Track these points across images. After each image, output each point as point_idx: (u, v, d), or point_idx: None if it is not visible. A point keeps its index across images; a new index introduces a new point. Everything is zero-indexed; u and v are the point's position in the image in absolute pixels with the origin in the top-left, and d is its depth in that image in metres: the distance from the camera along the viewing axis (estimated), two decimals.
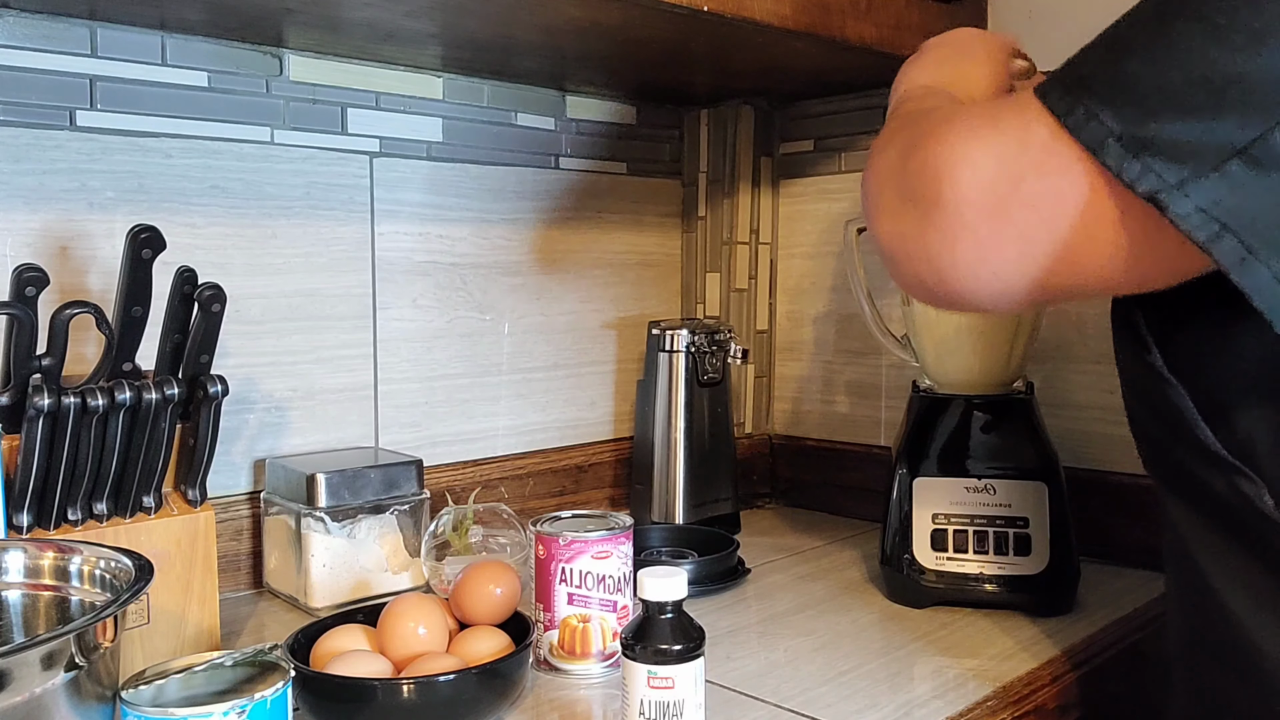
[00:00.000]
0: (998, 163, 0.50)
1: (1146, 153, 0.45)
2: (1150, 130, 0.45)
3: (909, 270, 0.56)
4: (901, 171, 0.55)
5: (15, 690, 0.50)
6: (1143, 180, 0.45)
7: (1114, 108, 0.46)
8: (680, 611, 0.67)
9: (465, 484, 1.16)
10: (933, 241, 0.53)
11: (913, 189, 0.54)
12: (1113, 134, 0.46)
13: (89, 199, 0.91)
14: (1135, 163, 0.45)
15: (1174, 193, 0.45)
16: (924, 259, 0.54)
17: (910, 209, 0.54)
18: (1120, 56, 0.48)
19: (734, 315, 1.38)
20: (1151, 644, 0.92)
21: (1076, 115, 0.48)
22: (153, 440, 0.78)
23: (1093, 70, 0.49)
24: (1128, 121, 0.46)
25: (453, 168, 1.16)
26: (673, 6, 0.87)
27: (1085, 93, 0.48)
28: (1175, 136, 0.45)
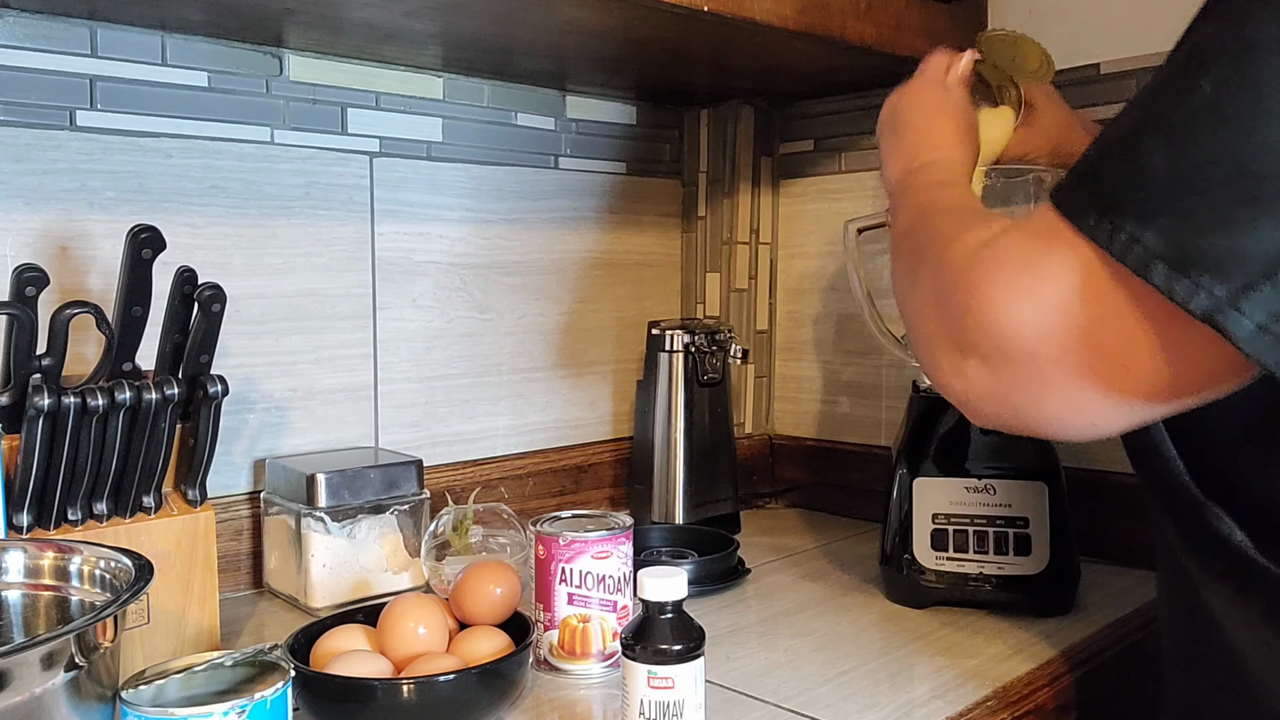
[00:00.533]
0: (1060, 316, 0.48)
1: (1193, 269, 0.43)
2: (1193, 245, 0.44)
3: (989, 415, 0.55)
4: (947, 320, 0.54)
5: (15, 690, 0.50)
6: (1195, 299, 0.44)
7: (1156, 229, 0.45)
8: (680, 611, 0.67)
9: (465, 484, 1.16)
10: (1015, 398, 0.52)
11: (972, 344, 0.52)
12: (1157, 255, 0.44)
13: (89, 199, 0.91)
14: (1185, 281, 0.44)
15: (1229, 311, 0.43)
16: (1009, 410, 0.53)
17: (975, 363, 0.52)
18: (1143, 167, 0.46)
19: (734, 315, 1.38)
20: (1151, 644, 0.91)
21: (1119, 242, 0.46)
22: (153, 440, 0.78)
23: (1120, 186, 0.47)
24: (1171, 243, 0.44)
25: (453, 168, 1.16)
26: (673, 7, 0.87)
27: (1118, 214, 0.46)
28: (1218, 247, 0.43)
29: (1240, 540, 0.56)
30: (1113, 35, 1.09)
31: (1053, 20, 1.14)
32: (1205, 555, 0.60)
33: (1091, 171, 0.50)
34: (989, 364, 0.51)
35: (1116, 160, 0.48)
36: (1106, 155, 0.49)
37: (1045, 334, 0.49)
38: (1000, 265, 0.51)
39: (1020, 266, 0.50)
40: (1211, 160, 0.44)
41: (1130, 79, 1.07)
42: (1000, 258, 0.51)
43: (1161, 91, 0.47)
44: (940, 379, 0.56)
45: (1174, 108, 0.46)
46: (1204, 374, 0.47)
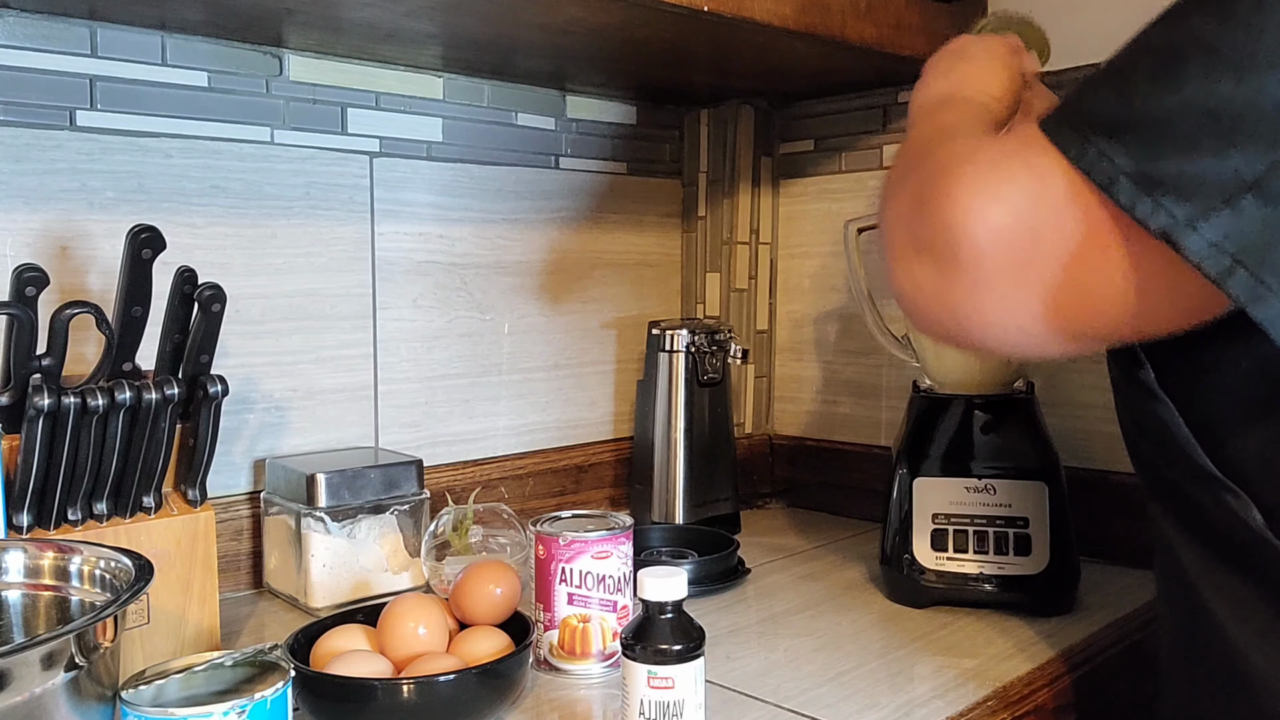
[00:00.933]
0: (1014, 217, 0.49)
1: (1158, 190, 0.45)
2: (1160, 168, 0.45)
3: (929, 318, 0.56)
4: (914, 221, 0.55)
5: (15, 690, 0.50)
6: (1155, 218, 0.45)
7: (1124, 146, 0.46)
8: (680, 611, 0.67)
9: (465, 484, 1.16)
10: (955, 296, 0.53)
11: (928, 242, 0.53)
12: (1124, 172, 0.46)
13: (89, 199, 0.91)
14: (1147, 200, 0.45)
15: (1185, 230, 0.45)
16: (946, 311, 0.54)
17: (927, 261, 0.53)
18: (1128, 93, 0.48)
19: (734, 315, 1.38)
20: (1151, 644, 0.91)
21: (1089, 155, 0.47)
22: (153, 440, 0.78)
23: (1101, 108, 0.49)
24: (1138, 159, 0.46)
25: (453, 168, 1.16)
26: (673, 7, 0.87)
27: (1094, 131, 0.48)
28: (1185, 173, 0.45)
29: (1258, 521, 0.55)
30: (1113, 35, 1.08)
31: (1052, 20, 1.14)
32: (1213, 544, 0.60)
33: (1078, 93, 0.51)
34: (939, 263, 0.52)
35: (1101, 83, 0.50)
36: (1094, 79, 0.51)
37: (998, 237, 0.49)
38: (972, 165, 0.52)
39: (988, 167, 0.51)
40: (1192, 90, 0.45)
41: None
42: (974, 159, 0.52)
43: (1157, 23, 0.49)
44: (895, 277, 0.57)
45: (1165, 37, 0.48)
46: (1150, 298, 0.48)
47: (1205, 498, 0.58)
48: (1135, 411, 0.63)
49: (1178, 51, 0.46)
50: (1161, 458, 0.62)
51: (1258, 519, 0.56)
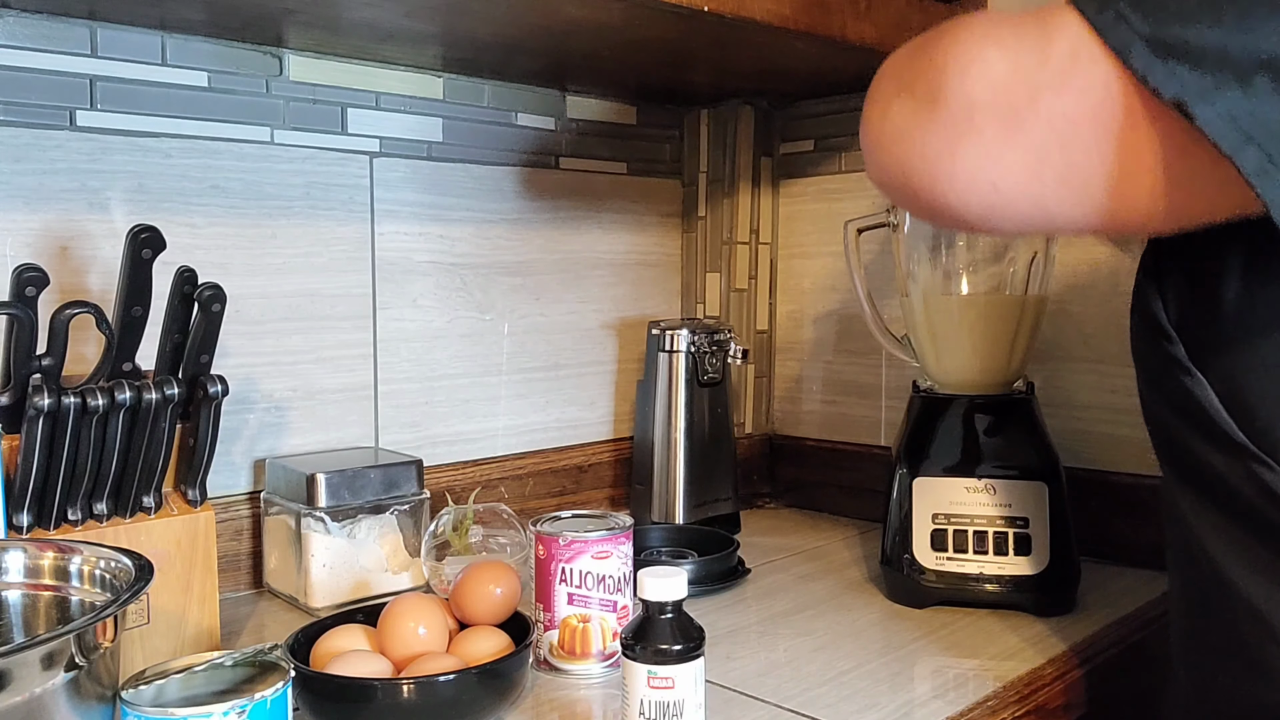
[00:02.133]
0: (1014, 67, 0.47)
1: (1174, 58, 0.43)
2: (1179, 35, 0.43)
3: (896, 167, 0.52)
4: (906, 63, 0.52)
5: (15, 690, 0.50)
6: (1169, 85, 0.43)
7: (1143, 10, 0.44)
8: (680, 611, 0.67)
9: (465, 484, 1.16)
10: (931, 139, 0.50)
11: (914, 79, 0.50)
12: (1141, 36, 0.44)
13: (89, 199, 0.91)
14: (1162, 67, 0.43)
15: (1199, 100, 0.43)
16: (918, 156, 0.50)
17: (908, 100, 0.51)
18: None
19: (734, 315, 1.38)
20: (1152, 643, 0.92)
21: (1106, 15, 0.45)
22: (153, 440, 0.78)
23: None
24: (1157, 24, 0.44)
25: (453, 168, 1.16)
26: (673, 6, 0.87)
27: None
28: (1204, 43, 0.43)
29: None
30: None
31: None
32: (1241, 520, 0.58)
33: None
34: (919, 102, 0.50)
35: None
36: None
37: (991, 81, 0.47)
38: (981, 21, 0.50)
39: (1001, 21, 0.49)
40: None
41: None
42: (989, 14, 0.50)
43: None
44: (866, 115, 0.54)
45: None
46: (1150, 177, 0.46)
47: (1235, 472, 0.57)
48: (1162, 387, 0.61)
49: None
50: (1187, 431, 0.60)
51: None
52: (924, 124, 0.50)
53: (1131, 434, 1.07)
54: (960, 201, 0.50)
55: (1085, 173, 0.47)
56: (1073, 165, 0.47)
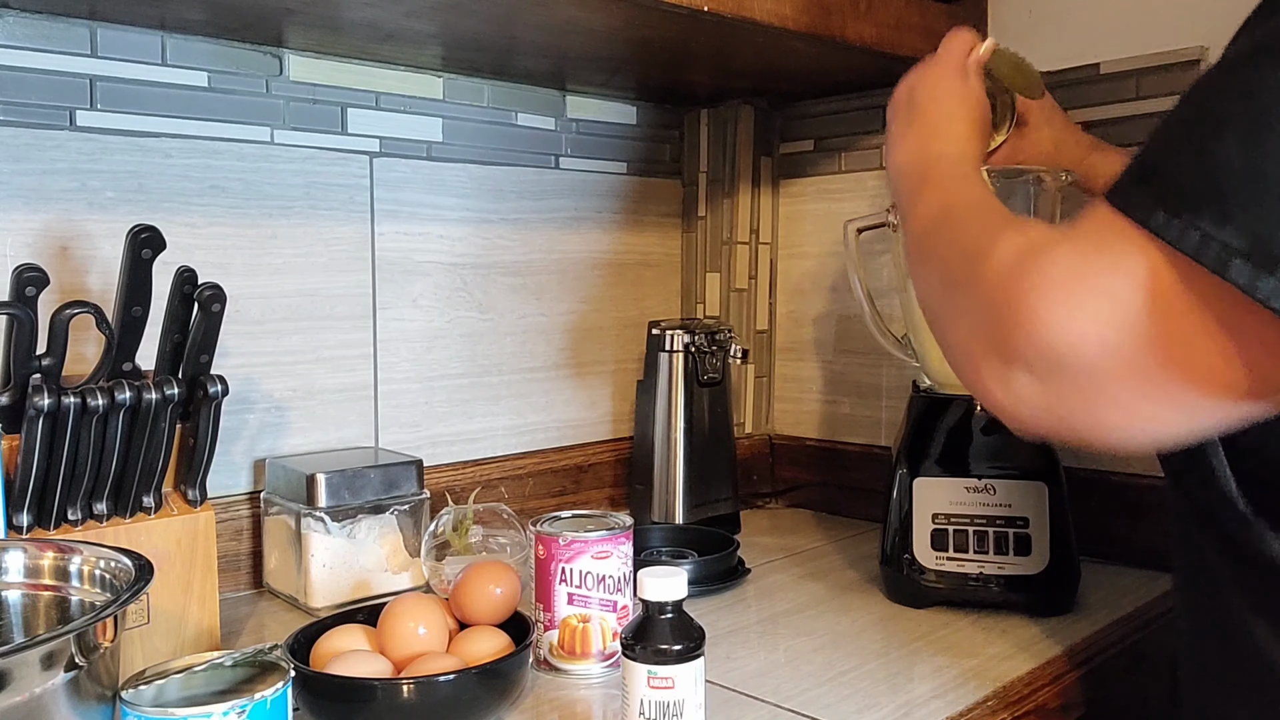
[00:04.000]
0: (1120, 326, 0.46)
1: (1277, 265, 0.42)
2: (1276, 242, 0.42)
3: (1039, 431, 0.52)
4: (995, 332, 0.52)
5: (15, 690, 0.50)
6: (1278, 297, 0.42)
7: (1232, 224, 0.43)
8: (680, 611, 0.67)
9: (465, 484, 1.16)
10: (1067, 408, 0.50)
11: (1020, 355, 0.50)
12: (1237, 252, 0.43)
13: (89, 199, 0.91)
14: (1269, 278, 0.42)
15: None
16: (1056, 420, 0.51)
17: (1022, 372, 0.50)
18: (1217, 163, 0.44)
19: (734, 315, 1.38)
20: (1152, 644, 0.92)
21: (1191, 239, 0.44)
22: (153, 440, 0.78)
23: (1191, 182, 0.45)
24: (1249, 236, 0.42)
25: (453, 168, 1.16)
26: (673, 7, 0.87)
27: (1192, 211, 0.44)
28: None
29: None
30: (1113, 35, 1.09)
31: (1053, 20, 1.14)
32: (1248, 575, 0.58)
33: (1155, 169, 0.48)
34: (1041, 378, 0.49)
35: (1183, 156, 0.46)
36: (1171, 152, 0.47)
37: (1105, 348, 0.47)
38: (1051, 279, 0.48)
39: (1076, 278, 0.48)
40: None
41: (1130, 79, 1.07)
42: (1049, 271, 0.49)
43: (1230, 85, 0.46)
44: (982, 389, 0.54)
45: (1247, 102, 0.44)
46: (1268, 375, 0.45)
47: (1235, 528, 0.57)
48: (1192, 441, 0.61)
49: (1266, 112, 0.43)
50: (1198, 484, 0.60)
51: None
52: (1055, 398, 0.50)
53: None
54: (1127, 447, 0.51)
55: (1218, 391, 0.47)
56: (1209, 383, 0.46)
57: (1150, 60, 1.06)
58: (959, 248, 0.58)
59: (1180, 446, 0.52)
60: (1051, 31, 1.14)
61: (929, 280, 0.62)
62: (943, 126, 0.75)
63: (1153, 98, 1.06)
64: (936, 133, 0.74)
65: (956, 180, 0.69)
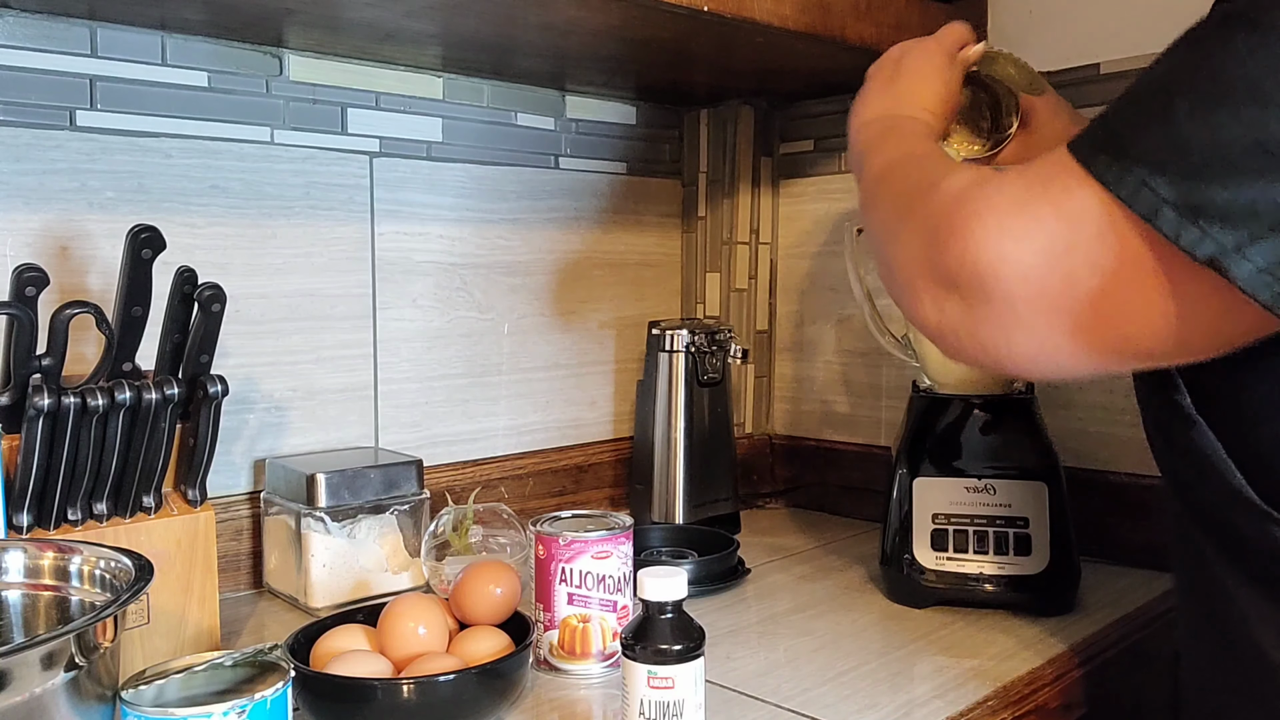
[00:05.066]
0: (1045, 258, 0.49)
1: (1203, 218, 0.45)
2: (1205, 195, 0.45)
3: (961, 355, 0.56)
4: (934, 258, 0.54)
5: (15, 690, 0.50)
6: (1201, 245, 0.45)
7: (1166, 175, 0.46)
8: (680, 611, 0.67)
9: (465, 484, 1.16)
10: (986, 334, 0.53)
11: (953, 279, 0.53)
12: (1167, 201, 0.46)
13: (89, 199, 0.91)
14: (1193, 229, 0.45)
15: (1233, 256, 0.45)
16: (978, 344, 0.54)
17: (954, 297, 0.53)
18: (1168, 122, 0.47)
19: (734, 315, 1.38)
20: (1152, 644, 0.92)
21: (1128, 184, 0.47)
22: (153, 440, 0.78)
23: (1139, 136, 0.48)
24: (1182, 189, 0.45)
25: (453, 168, 1.16)
26: (673, 7, 0.87)
27: (1134, 161, 0.47)
28: (1231, 201, 0.45)
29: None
30: (1113, 35, 1.09)
31: (1053, 20, 1.14)
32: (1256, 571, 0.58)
33: (1110, 121, 0.51)
34: (967, 301, 0.52)
35: (1138, 114, 0.49)
36: (1128, 109, 0.50)
37: (1024, 275, 0.49)
38: (991, 204, 0.51)
39: (1013, 206, 0.51)
40: (1237, 122, 0.45)
41: (1130, 79, 1.07)
42: (993, 197, 0.52)
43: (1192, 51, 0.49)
44: (919, 313, 0.56)
45: (1203, 67, 0.47)
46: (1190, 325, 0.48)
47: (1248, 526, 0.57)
48: (1169, 434, 0.62)
49: (1217, 78, 0.46)
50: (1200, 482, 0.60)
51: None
52: (978, 321, 0.53)
53: (1131, 434, 1.07)
54: (1032, 372, 0.55)
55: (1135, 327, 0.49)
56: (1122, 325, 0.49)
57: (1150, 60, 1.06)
58: (911, 183, 0.61)
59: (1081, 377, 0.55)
60: (1051, 31, 1.14)
61: (880, 215, 0.63)
62: (918, 96, 0.77)
63: None
64: (911, 99, 0.77)
65: (918, 139, 0.71)
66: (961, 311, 0.53)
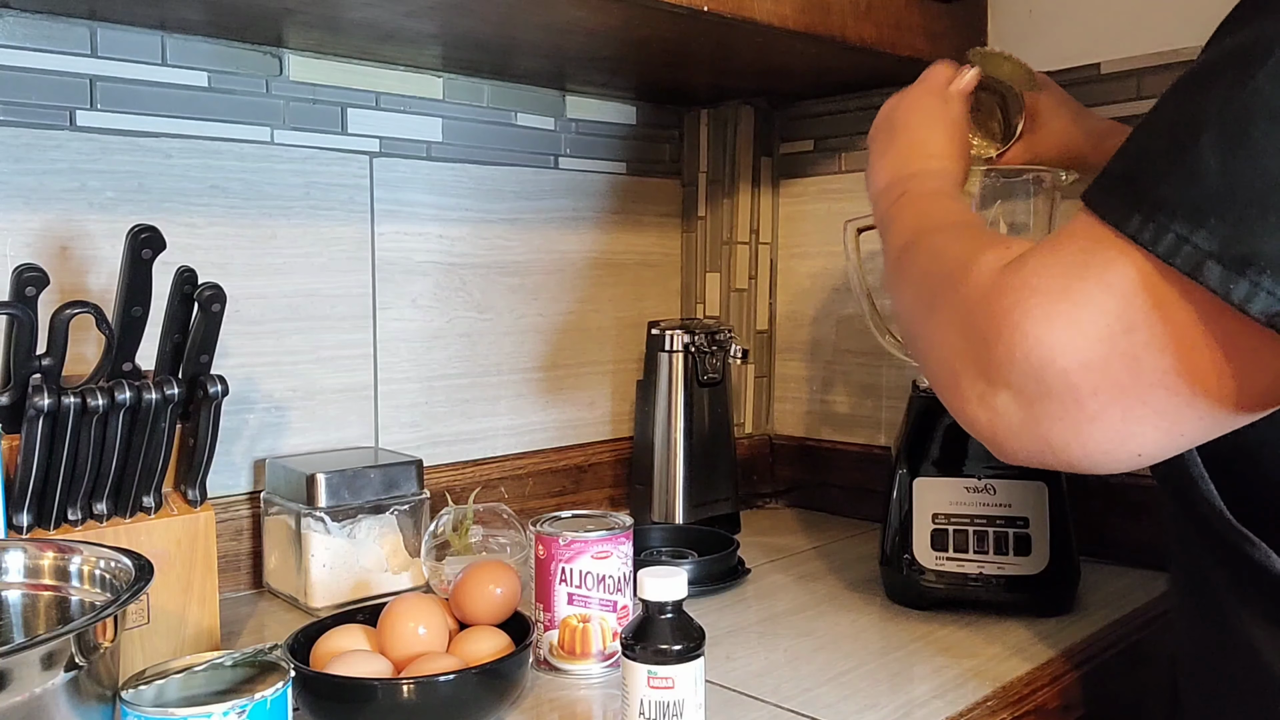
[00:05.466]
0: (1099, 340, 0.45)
1: (1252, 269, 0.41)
2: (1250, 244, 0.42)
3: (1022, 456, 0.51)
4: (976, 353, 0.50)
5: (15, 690, 0.50)
6: (1254, 300, 0.41)
7: (1205, 226, 0.42)
8: (680, 611, 0.67)
9: (465, 484, 1.16)
10: (1056, 430, 0.48)
11: (1004, 376, 0.49)
12: (1210, 254, 0.42)
13: (89, 199, 0.91)
14: (1241, 281, 0.42)
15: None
16: (1043, 447, 0.49)
17: (1005, 393, 0.49)
18: (1197, 167, 0.44)
19: (734, 315, 1.38)
20: (1152, 644, 0.92)
21: (1166, 242, 0.43)
22: (153, 440, 0.78)
23: (1167, 186, 0.44)
24: (1224, 238, 0.42)
25: (453, 168, 1.16)
26: (673, 7, 0.87)
27: (1169, 216, 0.44)
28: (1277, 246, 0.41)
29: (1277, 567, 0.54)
30: (1113, 35, 1.09)
31: (1053, 20, 1.14)
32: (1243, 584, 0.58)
33: (1131, 174, 0.47)
34: (1022, 397, 0.48)
35: (1160, 161, 0.46)
36: (1148, 156, 0.47)
37: (1086, 364, 0.46)
38: (1033, 290, 0.48)
39: (1056, 291, 0.47)
40: (1267, 157, 0.42)
41: (1130, 79, 1.07)
42: (1032, 282, 0.48)
43: (1206, 90, 0.45)
44: (964, 410, 0.52)
45: (1224, 106, 0.43)
46: (1265, 383, 0.45)
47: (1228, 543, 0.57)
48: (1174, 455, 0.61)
49: (1242, 117, 0.43)
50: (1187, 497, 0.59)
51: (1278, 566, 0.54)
52: (1041, 419, 0.48)
53: None
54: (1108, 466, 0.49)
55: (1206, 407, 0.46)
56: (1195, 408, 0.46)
57: (1150, 60, 1.06)
58: (938, 266, 0.57)
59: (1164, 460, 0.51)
60: (1051, 31, 1.14)
61: (907, 299, 0.60)
62: (922, 146, 0.75)
63: (1153, 98, 1.04)
64: (915, 152, 0.74)
65: (936, 198, 0.68)
66: (1018, 409, 0.49)
